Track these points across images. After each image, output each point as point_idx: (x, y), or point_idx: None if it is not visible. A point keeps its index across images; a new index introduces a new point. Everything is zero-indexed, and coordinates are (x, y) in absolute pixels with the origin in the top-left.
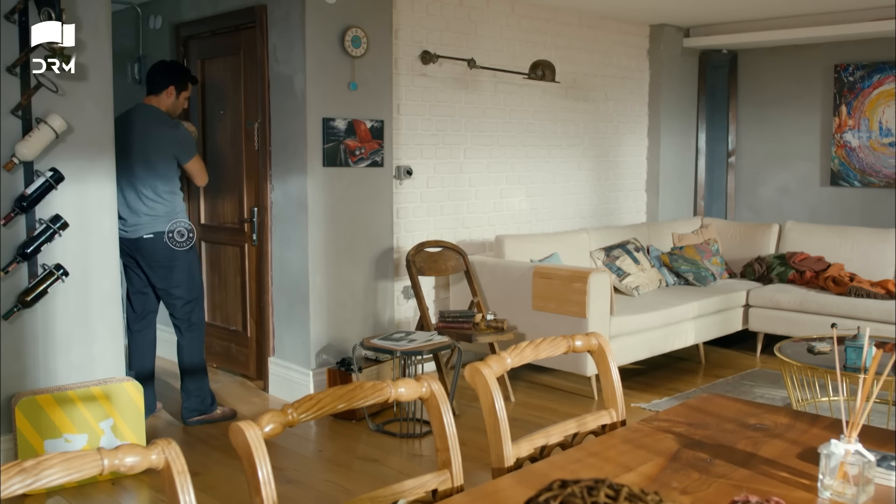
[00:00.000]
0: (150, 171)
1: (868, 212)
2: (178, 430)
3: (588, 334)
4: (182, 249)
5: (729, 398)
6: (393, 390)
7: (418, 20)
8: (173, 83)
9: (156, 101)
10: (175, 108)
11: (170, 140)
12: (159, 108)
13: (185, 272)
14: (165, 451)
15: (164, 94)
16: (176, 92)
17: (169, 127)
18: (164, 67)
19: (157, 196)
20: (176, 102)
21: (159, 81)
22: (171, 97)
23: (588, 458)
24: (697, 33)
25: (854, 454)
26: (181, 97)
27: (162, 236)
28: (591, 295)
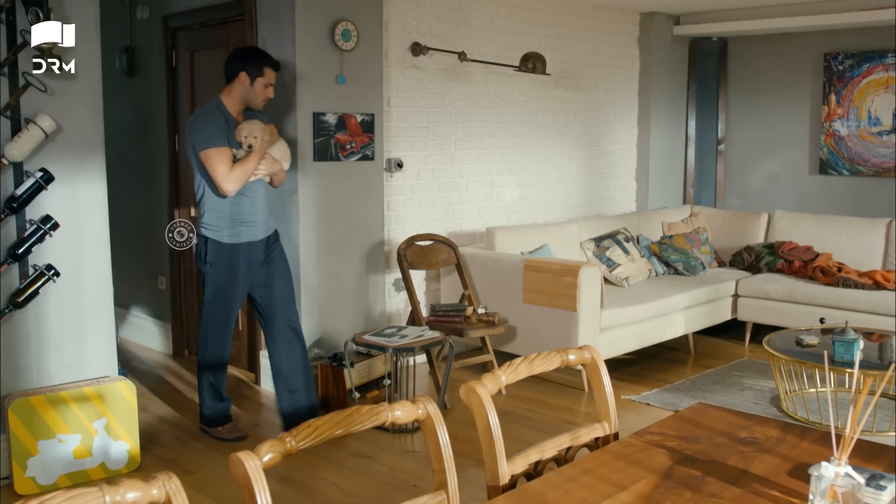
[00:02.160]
0: (194, 170)
1: (856, 201)
2: (170, 428)
3: (581, 348)
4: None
5: (720, 409)
6: (390, 413)
7: (408, 12)
8: (244, 68)
9: (226, 91)
10: (252, 98)
11: (189, 128)
12: (228, 98)
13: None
14: (167, 486)
15: (236, 82)
16: (249, 78)
17: (198, 114)
18: (235, 52)
19: (199, 198)
20: (251, 90)
21: (230, 68)
22: (244, 84)
23: (582, 475)
24: (687, 21)
25: (844, 476)
26: (257, 84)
27: (205, 243)
28: (581, 288)
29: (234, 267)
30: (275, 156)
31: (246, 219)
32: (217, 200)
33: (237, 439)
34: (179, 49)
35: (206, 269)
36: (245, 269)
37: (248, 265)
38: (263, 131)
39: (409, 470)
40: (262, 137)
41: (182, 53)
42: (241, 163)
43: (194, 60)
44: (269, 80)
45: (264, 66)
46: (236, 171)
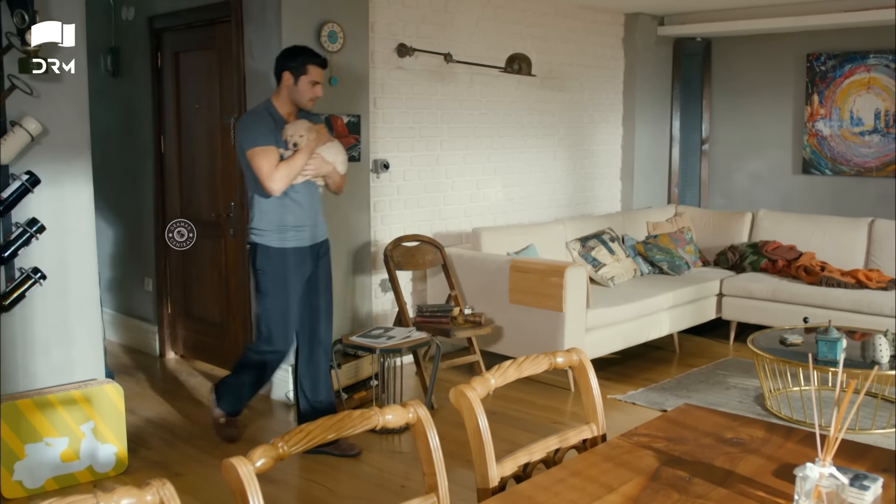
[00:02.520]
0: (245, 174)
1: (839, 200)
2: (157, 430)
3: (569, 350)
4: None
5: (706, 410)
6: (381, 418)
7: (394, 13)
8: (287, 67)
9: (275, 94)
10: (299, 97)
11: (237, 129)
12: (277, 100)
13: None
14: (161, 492)
15: (282, 82)
16: (293, 77)
17: (245, 115)
18: (279, 53)
19: (250, 202)
20: (296, 90)
21: (275, 69)
22: (289, 84)
23: (571, 477)
24: (672, 22)
25: (828, 477)
26: (302, 83)
27: (254, 248)
28: (567, 289)
29: (285, 269)
30: (326, 157)
31: (294, 223)
32: (265, 203)
33: (229, 439)
34: (165, 50)
35: (257, 274)
36: (295, 273)
37: (297, 270)
38: (310, 130)
39: (396, 471)
40: (307, 136)
41: (167, 54)
42: (286, 161)
43: (180, 61)
44: (313, 77)
45: (307, 63)
46: (281, 170)
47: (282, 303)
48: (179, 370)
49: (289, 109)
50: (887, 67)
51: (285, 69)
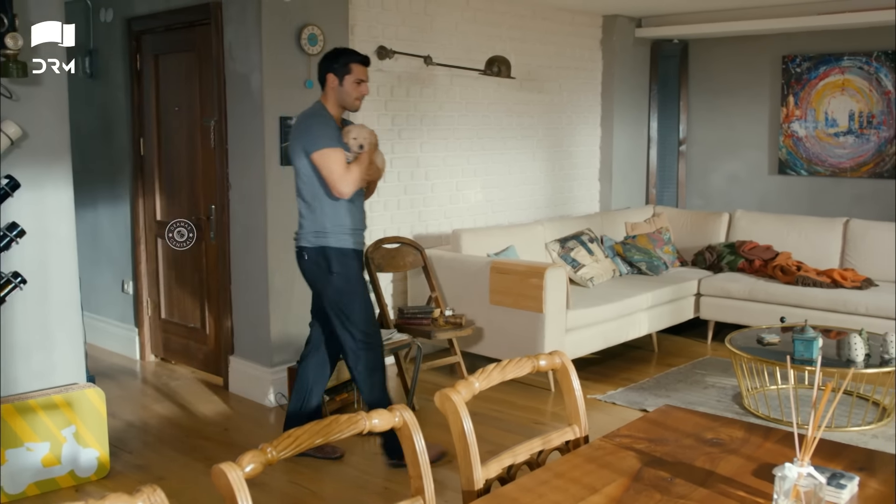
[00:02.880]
0: (297, 175)
1: (814, 200)
2: (139, 433)
3: (551, 353)
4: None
5: (686, 411)
6: (367, 422)
7: (374, 15)
8: (330, 69)
9: (322, 97)
10: (346, 98)
11: (298, 131)
12: (326, 103)
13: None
14: (151, 498)
15: (327, 85)
16: (338, 78)
17: (304, 116)
18: (321, 58)
19: (303, 204)
20: (342, 90)
21: (319, 73)
22: (334, 86)
23: (555, 479)
24: (649, 24)
25: (807, 476)
26: (347, 83)
27: (303, 253)
28: (547, 290)
29: (357, 269)
30: (379, 161)
31: (353, 226)
32: (334, 205)
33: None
34: (144, 52)
35: (333, 278)
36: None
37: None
38: (371, 135)
39: (378, 472)
40: (369, 141)
41: (147, 57)
42: (355, 164)
43: (159, 64)
44: (358, 76)
45: (350, 62)
46: (353, 173)
47: (366, 296)
48: (160, 373)
49: (338, 112)
50: (861, 69)
51: (329, 71)
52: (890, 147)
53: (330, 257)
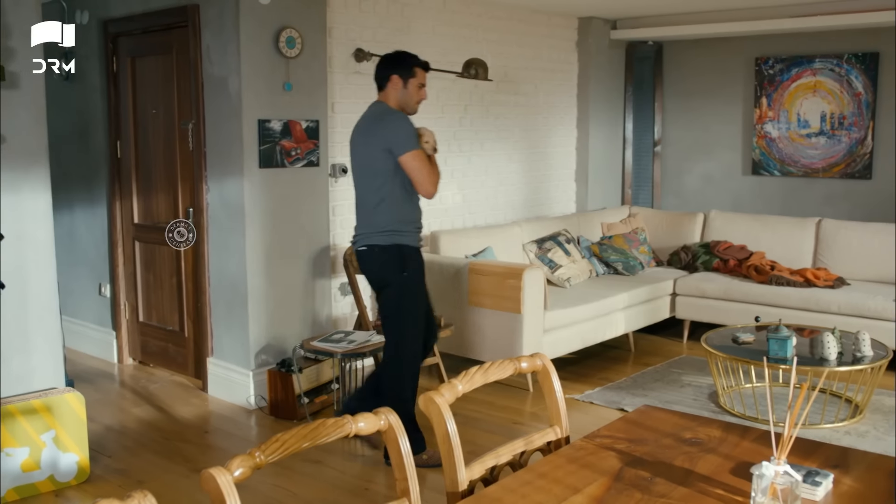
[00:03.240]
0: (369, 172)
1: (787, 201)
2: (118, 437)
3: (532, 355)
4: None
5: (665, 411)
6: (353, 426)
7: (352, 18)
8: (395, 71)
9: (383, 97)
10: (407, 101)
11: (383, 131)
12: (387, 102)
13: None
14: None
15: (390, 86)
16: (402, 81)
17: (382, 115)
18: (383, 59)
19: (372, 202)
20: (406, 93)
21: (381, 74)
22: (398, 88)
23: (537, 479)
24: (624, 26)
25: (783, 475)
26: (410, 86)
27: (373, 250)
28: (525, 291)
29: (423, 267)
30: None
31: (418, 224)
32: (406, 204)
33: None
34: (120, 55)
35: (404, 276)
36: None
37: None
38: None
39: (359, 473)
40: (434, 144)
41: (123, 59)
42: (434, 165)
43: (136, 66)
44: (421, 80)
45: (414, 66)
46: (436, 173)
47: (424, 302)
48: (138, 376)
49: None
50: (832, 71)
51: (394, 73)
52: (861, 148)
53: (405, 255)
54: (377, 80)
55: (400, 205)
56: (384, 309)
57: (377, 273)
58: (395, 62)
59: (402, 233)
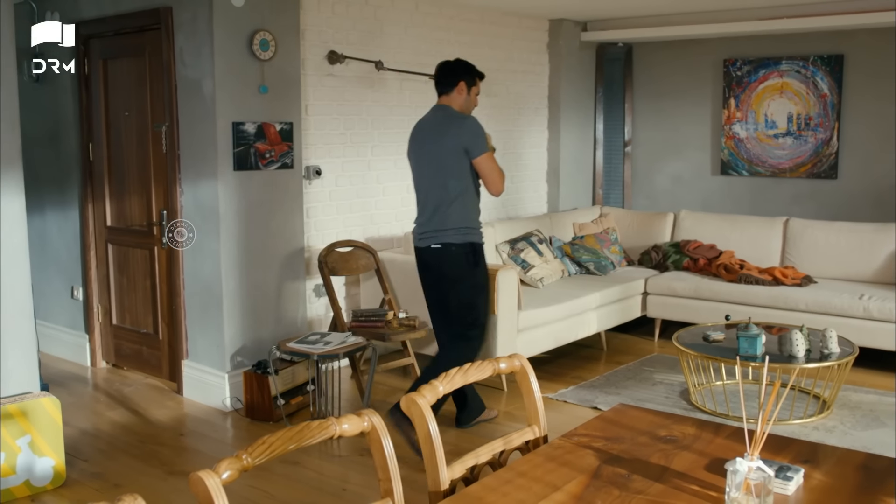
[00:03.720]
0: (443, 173)
1: (755, 200)
2: (93, 441)
3: (511, 356)
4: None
5: (640, 409)
6: (338, 427)
7: (325, 20)
8: (462, 79)
9: (447, 101)
10: (468, 106)
11: (459, 132)
12: (451, 106)
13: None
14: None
15: (455, 91)
16: (466, 88)
17: (458, 119)
18: (451, 65)
19: (450, 202)
20: (468, 99)
21: (448, 80)
22: (463, 94)
23: (518, 478)
24: (594, 28)
25: (756, 470)
26: (472, 93)
27: (449, 248)
28: (499, 292)
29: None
30: None
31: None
32: (475, 203)
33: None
34: (92, 57)
35: (477, 271)
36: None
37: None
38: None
39: (336, 474)
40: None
41: (95, 61)
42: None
43: (108, 69)
44: (479, 88)
45: (477, 76)
46: (502, 173)
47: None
48: (112, 380)
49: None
50: (798, 73)
51: (462, 80)
52: (826, 148)
53: (477, 252)
54: (441, 84)
55: (471, 204)
56: (457, 301)
57: (450, 269)
58: (462, 70)
59: (473, 230)
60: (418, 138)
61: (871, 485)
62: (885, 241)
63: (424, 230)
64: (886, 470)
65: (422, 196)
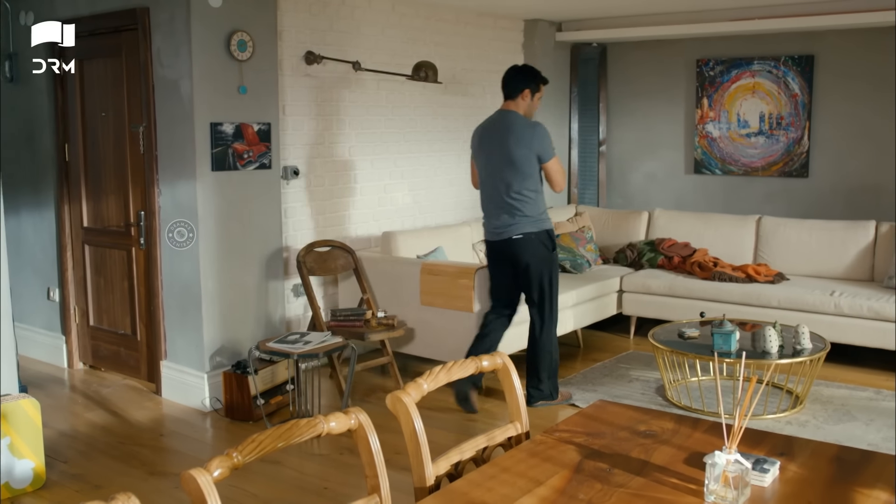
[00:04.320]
0: (516, 173)
1: (728, 199)
2: (72, 442)
3: (493, 354)
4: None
5: (619, 405)
6: (325, 425)
7: (302, 21)
8: (527, 86)
9: (513, 106)
10: (530, 110)
11: (531, 138)
12: (517, 111)
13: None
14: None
15: (520, 97)
16: (530, 94)
17: (530, 127)
18: (517, 71)
19: (523, 197)
20: (531, 104)
21: (514, 85)
22: (527, 100)
23: (501, 473)
24: (569, 28)
25: (734, 463)
26: (535, 99)
27: (530, 237)
28: (477, 290)
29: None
30: None
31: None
32: (543, 198)
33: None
34: (67, 57)
35: (553, 255)
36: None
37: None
38: None
39: (316, 473)
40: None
41: (70, 61)
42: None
43: (84, 69)
44: (542, 94)
45: (542, 83)
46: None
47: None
48: (90, 381)
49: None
50: (770, 73)
51: (527, 87)
52: (798, 147)
53: (552, 237)
54: (507, 89)
55: (541, 198)
56: (538, 282)
57: (531, 254)
58: (528, 78)
59: (545, 220)
60: (486, 140)
61: (845, 476)
62: (855, 238)
63: (501, 223)
64: (859, 462)
65: (495, 193)
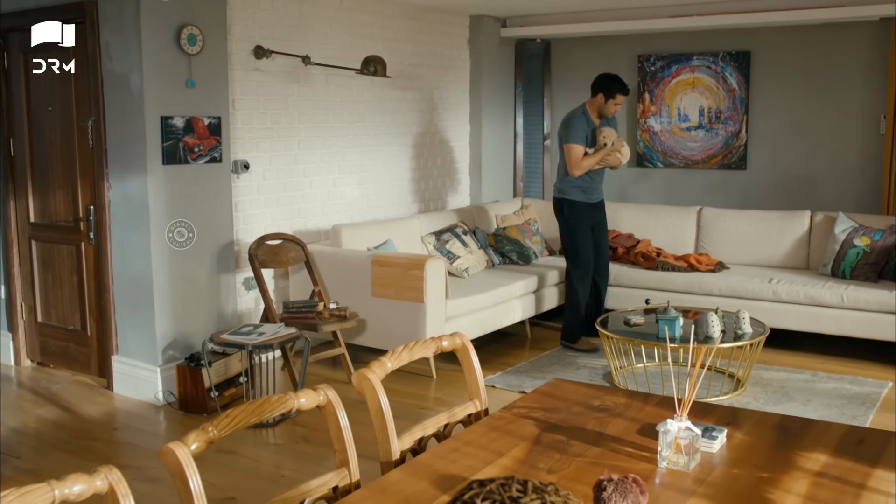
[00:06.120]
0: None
1: (670, 191)
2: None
3: (453, 335)
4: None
5: (573, 383)
6: (295, 401)
7: (251, 15)
8: (602, 91)
9: (589, 102)
10: (605, 111)
11: (561, 123)
12: (590, 106)
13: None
14: (108, 477)
15: (595, 98)
16: (604, 99)
17: (570, 114)
18: (599, 77)
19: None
20: (604, 106)
21: (594, 88)
22: (600, 101)
23: (464, 447)
24: (514, 24)
25: (685, 430)
26: (609, 103)
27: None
28: (427, 281)
29: (583, 214)
30: (622, 153)
31: (585, 187)
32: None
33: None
34: (12, 51)
35: (566, 218)
36: (586, 218)
37: (587, 216)
38: (613, 135)
39: (273, 461)
40: (611, 140)
41: (15, 55)
42: (590, 157)
43: (29, 63)
44: (618, 102)
45: (617, 92)
46: (585, 162)
47: (584, 234)
48: (39, 378)
49: (596, 115)
50: (709, 68)
51: (600, 91)
52: (736, 140)
53: (564, 205)
54: (592, 87)
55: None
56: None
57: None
58: (605, 83)
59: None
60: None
61: (788, 441)
62: (791, 227)
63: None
64: (799, 428)
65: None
